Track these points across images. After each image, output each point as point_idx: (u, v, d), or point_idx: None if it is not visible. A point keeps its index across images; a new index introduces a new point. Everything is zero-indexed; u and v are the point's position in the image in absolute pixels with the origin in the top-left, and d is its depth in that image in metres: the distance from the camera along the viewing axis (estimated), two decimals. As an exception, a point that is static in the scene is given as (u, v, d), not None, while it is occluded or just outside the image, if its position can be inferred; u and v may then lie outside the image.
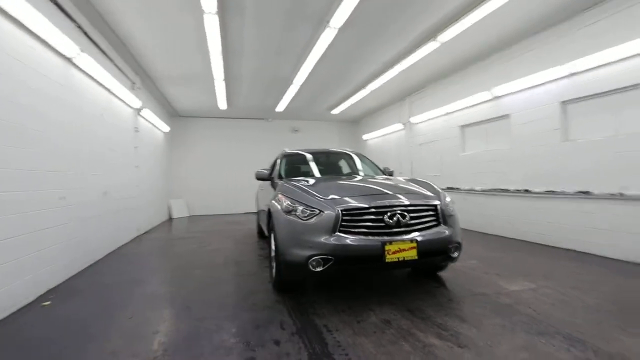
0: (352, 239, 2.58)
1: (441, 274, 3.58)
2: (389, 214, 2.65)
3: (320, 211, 2.69)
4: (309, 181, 3.43)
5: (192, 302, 2.94)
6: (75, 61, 3.81)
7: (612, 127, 4.17)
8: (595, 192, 4.26)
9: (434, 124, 7.67)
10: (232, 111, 9.70)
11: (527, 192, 5.25)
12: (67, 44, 3.52)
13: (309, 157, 4.63)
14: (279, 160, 4.54)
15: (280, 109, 9.35)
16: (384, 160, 8.67)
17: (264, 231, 4.64)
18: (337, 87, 7.62)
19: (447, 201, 3.05)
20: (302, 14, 4.31)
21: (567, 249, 4.55)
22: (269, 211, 3.35)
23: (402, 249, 2.57)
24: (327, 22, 4.30)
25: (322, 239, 2.59)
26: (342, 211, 2.63)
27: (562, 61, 4.58)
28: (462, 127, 6.80)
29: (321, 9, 4.16)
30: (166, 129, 8.59)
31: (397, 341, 2.16)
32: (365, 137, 11.13)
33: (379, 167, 4.72)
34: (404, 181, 3.48)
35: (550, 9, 4.30)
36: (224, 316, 2.62)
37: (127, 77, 5.58)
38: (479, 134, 6.45)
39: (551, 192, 4.85)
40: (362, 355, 1.99)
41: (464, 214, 3.14)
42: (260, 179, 4.30)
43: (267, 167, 5.24)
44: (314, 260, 2.57)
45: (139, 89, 6.06)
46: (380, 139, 10.39)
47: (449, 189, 6.85)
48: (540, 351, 1.99)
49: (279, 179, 4.05)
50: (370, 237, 2.61)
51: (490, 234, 5.88)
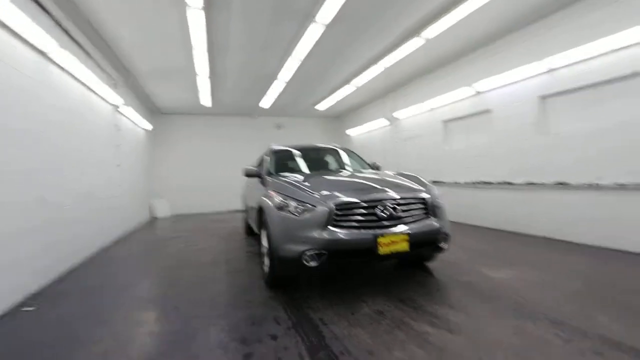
0: (345, 233, 2.61)
1: (429, 264, 3.67)
2: (380, 207, 2.70)
3: (312, 206, 2.70)
4: (300, 177, 3.44)
5: (183, 302, 2.89)
6: (52, 57, 3.64)
7: (587, 121, 4.37)
8: (572, 183, 4.47)
9: (418, 119, 7.80)
10: (216, 108, 9.53)
11: (509, 184, 5.45)
12: (44, 39, 3.36)
13: (298, 153, 4.63)
14: (267, 156, 4.52)
15: (265, 105, 9.26)
16: (369, 155, 8.72)
17: (253, 228, 4.61)
18: (323, 82, 7.62)
19: (436, 194, 3.13)
20: (289, 9, 4.27)
21: (547, 238, 4.76)
22: (260, 208, 3.33)
23: (394, 242, 2.62)
24: (314, 17, 4.29)
25: (316, 234, 2.61)
26: (334, 206, 2.66)
27: (540, 57, 4.75)
28: (446, 122, 6.96)
29: (307, 5, 4.14)
30: (148, 127, 8.35)
31: (392, 331, 2.21)
32: (349, 132, 11.20)
33: (366, 162, 4.78)
34: (393, 175, 3.54)
35: (527, 7, 4.44)
36: (218, 314, 2.60)
37: (107, 74, 5.38)
38: (462, 129, 6.62)
39: (532, 183, 5.05)
40: (359, 345, 2.03)
41: (449, 207, 3.23)
42: (248, 175, 4.26)
43: (253, 164, 5.20)
44: (307, 255, 2.59)
45: (120, 86, 5.85)
46: (365, 134, 10.46)
47: (434, 182, 6.94)
48: (527, 334, 2.09)
49: (268, 175, 4.03)
50: (362, 230, 2.65)
51: (473, 225, 6.06)
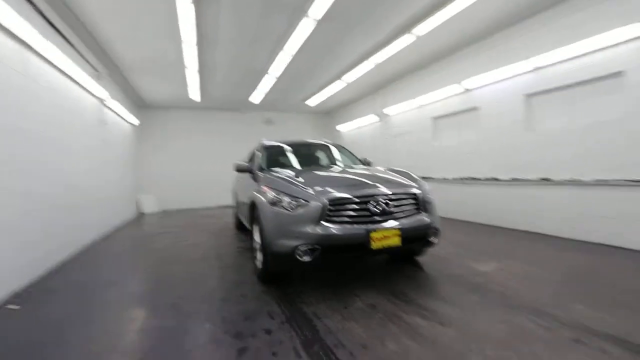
0: (338, 228, 2.64)
1: (419, 258, 3.75)
2: (373, 202, 2.74)
3: (306, 202, 2.72)
4: (292, 172, 3.44)
5: (176, 298, 2.88)
6: (34, 46, 3.51)
7: (569, 119, 4.53)
8: (555, 178, 4.62)
9: (408, 115, 7.88)
10: (205, 102, 9.38)
11: (495, 180, 5.59)
12: (24, 28, 3.23)
13: (289, 148, 4.62)
14: (258, 152, 4.49)
15: (255, 100, 9.17)
16: (359, 151, 8.76)
17: (245, 224, 4.60)
18: (314, 78, 7.59)
19: (427, 189, 3.19)
20: (280, 3, 4.23)
21: (530, 232, 4.92)
22: (252, 203, 3.33)
23: (386, 236, 2.67)
24: (305, 12, 4.27)
25: (309, 229, 2.63)
26: (328, 201, 2.68)
27: (526, 56, 4.86)
28: (435, 118, 7.06)
29: (299, -1, 4.12)
30: (135, 121, 8.16)
31: (385, 324, 2.26)
32: (339, 128, 11.22)
33: (357, 158, 4.82)
34: (384, 171, 3.58)
35: (513, 7, 4.53)
36: (211, 310, 2.60)
37: (92, 66, 5.22)
38: (450, 126, 6.73)
39: (516, 179, 5.21)
40: (353, 339, 2.08)
41: (437, 202, 3.31)
42: (240, 170, 4.24)
43: (244, 159, 5.16)
44: (301, 250, 2.61)
45: (104, 78, 5.69)
46: (355, 130, 10.51)
47: (423, 178, 7.06)
48: (513, 323, 2.18)
49: (259, 170, 4.02)
50: (355, 225, 2.68)
51: (461, 220, 6.21)
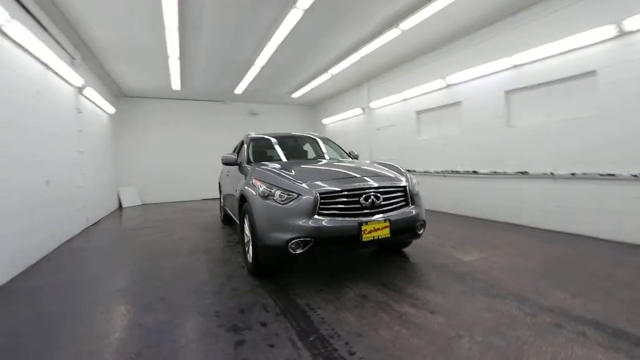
0: (330, 221, 2.68)
1: (405, 249, 3.87)
2: (364, 195, 2.79)
3: (298, 195, 2.73)
4: (282, 165, 3.43)
5: (166, 293, 2.84)
6: (4, 29, 3.28)
7: (546, 115, 4.74)
8: (531, 172, 4.86)
9: (392, 109, 7.98)
10: (186, 92, 9.10)
11: (475, 173, 5.80)
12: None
13: (277, 141, 4.60)
14: (245, 144, 4.44)
15: (238, 91, 8.99)
16: (344, 144, 8.82)
17: (233, 217, 4.56)
18: (299, 70, 7.52)
19: (414, 182, 3.28)
20: (268, -7, 4.15)
21: (509, 223, 5.16)
22: (242, 196, 3.30)
23: (376, 229, 2.74)
24: (294, 2, 4.20)
25: (301, 222, 2.66)
26: (320, 194, 2.71)
27: (507, 54, 5.03)
28: (419, 112, 7.19)
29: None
30: (111, 110, 7.81)
31: (377, 313, 2.34)
32: (325, 121, 11.22)
33: (345, 151, 4.86)
34: (373, 164, 3.64)
35: (497, 3, 4.65)
36: (205, 304, 2.59)
37: (66, 51, 4.93)
38: (433, 120, 6.89)
39: (495, 173, 5.42)
40: (347, 328, 2.14)
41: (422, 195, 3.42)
42: (227, 163, 4.19)
43: (229, 151, 5.07)
44: (293, 243, 2.63)
45: (79, 64, 5.39)
46: (339, 123, 10.54)
47: (406, 171, 7.26)
48: (498, 310, 2.31)
49: (247, 163, 3.99)
50: (347, 218, 2.73)
51: (443, 212, 6.42)
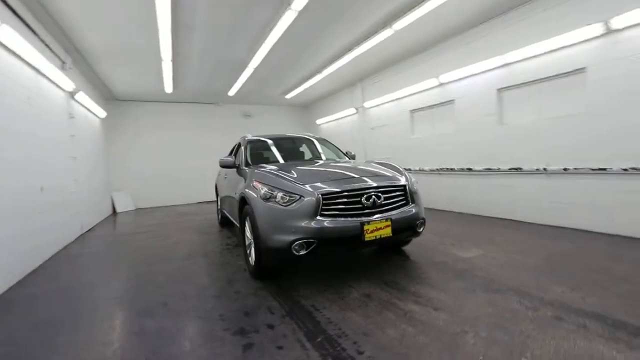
0: (333, 222, 2.69)
1: (405, 248, 3.91)
2: (365, 195, 2.81)
3: (300, 196, 2.74)
4: (281, 167, 3.43)
5: (167, 298, 2.81)
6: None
7: (537, 113, 4.83)
8: (524, 168, 4.95)
9: (386, 108, 8.03)
10: (179, 95, 9.01)
11: (470, 170, 5.88)
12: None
13: (274, 143, 4.59)
14: (242, 147, 4.42)
15: (232, 93, 8.93)
16: (338, 144, 8.81)
17: (232, 219, 4.54)
18: (293, 71, 7.52)
19: (413, 181, 3.31)
20: (262, -6, 4.14)
21: (504, 219, 5.25)
22: (242, 199, 3.29)
23: (378, 228, 2.76)
24: (289, 3, 4.20)
25: (304, 224, 2.66)
26: (322, 196, 2.72)
27: (499, 52, 5.11)
28: (412, 111, 7.25)
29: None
30: (102, 114, 7.69)
31: (382, 311, 2.36)
32: (318, 121, 11.23)
33: (341, 151, 4.88)
34: (372, 164, 3.67)
35: (486, 4, 4.73)
36: (207, 308, 2.58)
37: (56, 55, 4.84)
38: (427, 118, 6.95)
39: (489, 169, 5.51)
40: (354, 327, 2.15)
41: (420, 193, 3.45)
42: (225, 166, 4.16)
43: (223, 154, 5.04)
44: (297, 244, 2.64)
45: (70, 68, 5.30)
46: (333, 123, 10.56)
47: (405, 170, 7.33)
48: (499, 306, 2.35)
49: (246, 166, 3.98)
50: (349, 218, 2.75)
51: (439, 210, 6.49)
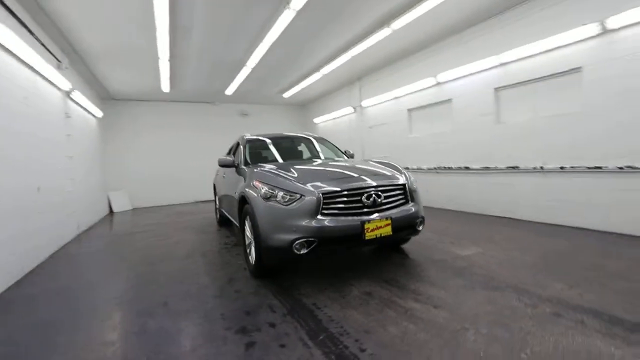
0: (334, 221, 2.71)
1: (404, 246, 3.93)
2: (365, 194, 2.83)
3: (301, 195, 2.75)
4: (281, 166, 3.43)
5: (167, 298, 2.81)
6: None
7: (533, 112, 4.88)
8: (521, 166, 4.99)
9: (384, 107, 8.05)
10: (176, 94, 8.97)
11: (467, 169, 5.92)
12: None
13: (274, 142, 4.59)
14: (241, 146, 4.42)
15: (229, 92, 8.91)
16: (335, 143, 8.87)
17: (231, 219, 4.54)
18: (291, 70, 7.51)
19: (412, 180, 3.33)
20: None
21: (502, 217, 5.29)
22: (242, 198, 3.29)
23: (379, 227, 2.78)
24: (287, 2, 4.20)
25: (305, 223, 2.67)
26: (322, 195, 2.73)
27: (496, 51, 5.14)
28: (410, 110, 7.28)
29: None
30: (99, 113, 7.63)
31: (382, 309, 2.38)
32: (316, 120, 11.23)
33: (340, 150, 4.90)
34: (372, 163, 3.68)
35: (482, 4, 4.76)
36: (208, 307, 2.58)
37: (52, 54, 4.79)
38: (425, 117, 6.98)
39: (486, 168, 5.55)
40: (355, 325, 2.17)
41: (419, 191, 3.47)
42: (224, 165, 4.16)
43: (220, 153, 5.03)
44: (298, 243, 2.65)
45: (66, 68, 5.26)
46: (331, 122, 10.57)
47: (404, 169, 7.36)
48: (498, 303, 2.38)
49: (245, 165, 3.98)
50: (349, 217, 2.76)
51: (437, 208, 6.52)
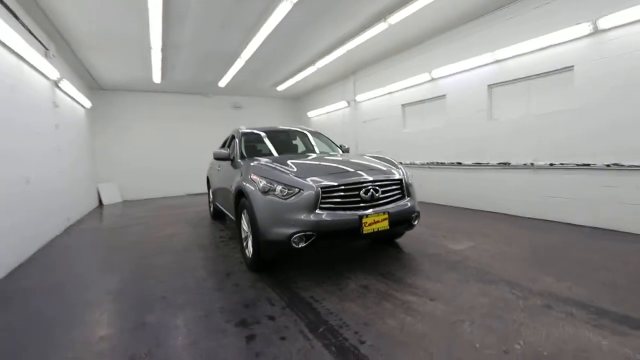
0: (332, 215, 2.73)
1: (398, 240, 3.99)
2: (364, 189, 2.85)
3: (299, 190, 2.76)
4: (278, 160, 3.42)
5: (165, 292, 2.80)
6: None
7: (525, 109, 4.97)
8: (513, 163, 5.09)
9: (378, 102, 8.07)
10: (167, 85, 8.79)
11: (459, 164, 6.01)
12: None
13: (269, 135, 4.57)
14: (237, 139, 4.38)
15: (222, 84, 8.77)
16: (329, 137, 8.90)
17: (227, 212, 4.52)
18: (285, 62, 7.43)
19: (408, 174, 3.37)
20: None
21: (493, 212, 5.41)
22: (239, 192, 3.28)
23: (376, 221, 2.81)
24: (284, -6, 4.15)
25: (303, 217, 2.69)
26: (321, 189, 2.74)
27: (490, 48, 5.19)
28: (404, 105, 7.31)
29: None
30: (87, 103, 7.43)
31: (380, 302, 2.43)
32: (310, 114, 11.17)
33: (336, 145, 4.90)
34: (368, 158, 3.70)
35: (478, 1, 4.79)
36: (207, 300, 2.59)
37: (39, 41, 4.63)
38: (418, 113, 7.03)
39: (478, 164, 5.64)
40: (354, 318, 2.21)
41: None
42: (219, 158, 4.12)
43: (213, 146, 4.96)
44: (296, 237, 2.66)
45: (54, 56, 5.09)
46: (324, 116, 10.54)
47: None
48: (492, 295, 2.45)
49: (241, 158, 3.95)
50: (348, 212, 2.78)
51: (429, 203, 6.62)
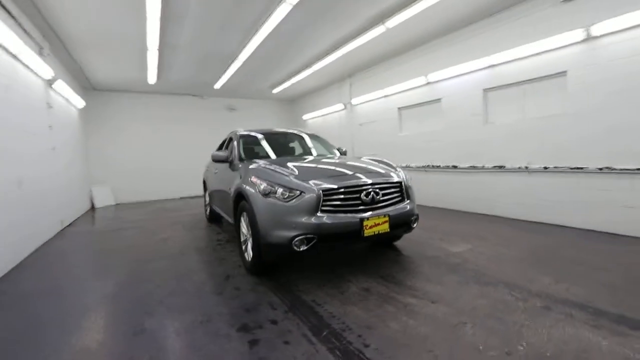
0: (333, 218, 2.73)
1: (396, 243, 4.00)
2: (364, 192, 2.86)
3: (301, 192, 2.75)
4: (277, 162, 3.42)
5: (164, 297, 2.76)
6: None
7: (520, 113, 5.05)
8: (507, 166, 5.17)
9: (374, 105, 8.11)
10: (162, 86, 8.71)
11: (455, 167, 6.07)
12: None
13: (267, 138, 4.55)
14: (235, 141, 4.36)
15: (218, 86, 8.73)
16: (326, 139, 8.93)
17: (224, 215, 4.48)
18: (282, 65, 7.44)
19: (408, 177, 3.39)
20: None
21: (489, 215, 5.47)
22: (239, 194, 3.26)
23: (377, 224, 2.82)
24: (284, -3, 4.16)
25: (304, 219, 2.68)
26: (322, 192, 2.74)
27: (486, 53, 5.27)
28: (400, 109, 7.37)
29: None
30: (81, 104, 7.32)
31: (382, 305, 2.43)
32: (305, 117, 11.18)
33: (333, 147, 4.91)
34: (367, 161, 3.71)
35: (477, 4, 4.85)
36: (207, 305, 2.56)
37: (34, 40, 4.55)
38: (415, 116, 7.09)
39: (474, 167, 5.71)
40: (357, 321, 2.21)
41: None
42: (218, 161, 4.10)
43: (208, 148, 4.92)
44: (297, 240, 2.65)
45: (48, 55, 5.01)
46: (320, 118, 10.55)
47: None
48: (492, 297, 2.47)
49: (239, 161, 3.93)
50: (349, 214, 2.79)
51: (425, 206, 6.66)
